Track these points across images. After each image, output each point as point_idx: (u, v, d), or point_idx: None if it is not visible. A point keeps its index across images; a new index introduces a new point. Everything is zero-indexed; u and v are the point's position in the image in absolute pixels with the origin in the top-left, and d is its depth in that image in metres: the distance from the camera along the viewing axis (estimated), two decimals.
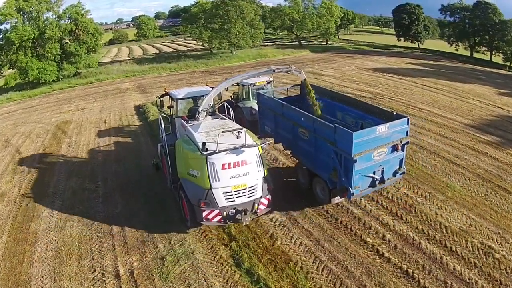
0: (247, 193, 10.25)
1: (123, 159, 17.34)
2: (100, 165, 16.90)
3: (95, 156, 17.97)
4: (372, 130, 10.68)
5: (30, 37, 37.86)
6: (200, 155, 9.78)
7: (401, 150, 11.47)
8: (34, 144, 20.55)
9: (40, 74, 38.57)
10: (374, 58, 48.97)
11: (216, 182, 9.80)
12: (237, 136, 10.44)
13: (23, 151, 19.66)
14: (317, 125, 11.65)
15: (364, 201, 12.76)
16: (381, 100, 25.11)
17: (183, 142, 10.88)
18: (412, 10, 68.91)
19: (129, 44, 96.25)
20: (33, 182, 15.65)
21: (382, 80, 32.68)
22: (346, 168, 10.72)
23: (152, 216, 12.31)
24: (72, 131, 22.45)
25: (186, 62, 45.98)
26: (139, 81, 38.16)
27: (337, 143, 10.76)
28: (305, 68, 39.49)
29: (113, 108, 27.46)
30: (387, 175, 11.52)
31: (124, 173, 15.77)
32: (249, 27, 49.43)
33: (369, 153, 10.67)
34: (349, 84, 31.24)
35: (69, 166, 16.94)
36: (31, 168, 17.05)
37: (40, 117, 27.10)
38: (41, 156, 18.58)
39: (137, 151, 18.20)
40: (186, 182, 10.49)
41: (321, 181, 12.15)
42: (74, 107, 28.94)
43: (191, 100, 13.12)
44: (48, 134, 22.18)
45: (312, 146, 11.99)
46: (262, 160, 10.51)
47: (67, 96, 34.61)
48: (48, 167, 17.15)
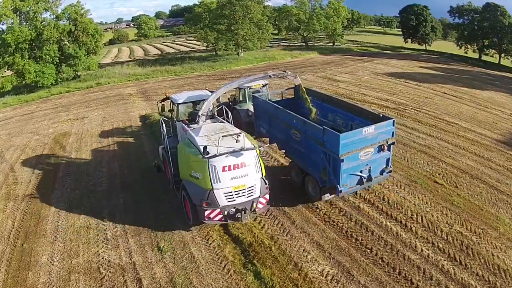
0: (247, 193, 10.85)
1: (131, 185, 15.21)
2: (105, 195, 14.69)
3: (98, 182, 15.74)
4: (358, 132, 11.38)
5: (27, 39, 36.12)
6: (202, 158, 10.28)
7: (387, 150, 12.12)
8: (29, 161, 18.46)
9: (38, 78, 36.75)
10: (385, 61, 47.62)
11: (217, 183, 10.39)
12: (236, 140, 10.90)
13: (18, 169, 17.61)
14: (307, 127, 12.38)
15: (419, 243, 10.96)
16: (406, 111, 23.67)
17: (185, 145, 11.42)
18: (419, 11, 67.95)
19: (129, 44, 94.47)
20: (28, 214, 13.54)
21: (401, 88, 31.20)
22: (334, 167, 11.40)
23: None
24: (71, 146, 20.35)
25: (191, 65, 43.96)
26: (143, 86, 36.07)
27: (326, 144, 11.46)
28: (318, 72, 37.96)
29: (116, 118, 25.38)
30: (374, 173, 12.13)
31: (137, 210, 13.31)
32: (256, 28, 47.32)
33: (356, 153, 11.36)
34: (368, 92, 29.47)
35: (69, 195, 14.73)
36: (26, 194, 15.04)
37: (37, 126, 25.07)
38: (37, 178, 16.50)
39: (149, 180, 15.38)
40: (188, 183, 11.08)
41: (312, 179, 12.80)
42: (73, 116, 26.84)
43: (191, 104, 13.62)
44: (45, 149, 20.08)
45: (303, 146, 12.72)
46: (259, 161, 11.14)
47: (65, 102, 32.56)
48: (45, 193, 15.03)
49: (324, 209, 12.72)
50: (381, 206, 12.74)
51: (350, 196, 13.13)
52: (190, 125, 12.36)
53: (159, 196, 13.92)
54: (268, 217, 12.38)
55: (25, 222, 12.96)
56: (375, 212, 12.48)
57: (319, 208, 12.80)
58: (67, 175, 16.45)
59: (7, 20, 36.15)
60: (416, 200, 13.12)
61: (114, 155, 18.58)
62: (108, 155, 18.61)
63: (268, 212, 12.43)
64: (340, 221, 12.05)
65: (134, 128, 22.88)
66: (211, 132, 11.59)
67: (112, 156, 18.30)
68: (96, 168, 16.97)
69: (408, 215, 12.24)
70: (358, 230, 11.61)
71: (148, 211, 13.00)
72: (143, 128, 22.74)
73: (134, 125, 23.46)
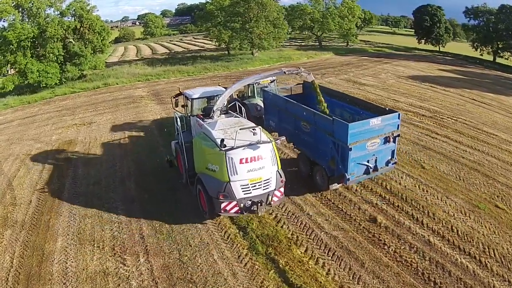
0: (263, 186, 10.92)
1: (153, 214, 12.61)
2: (123, 225, 12.16)
3: (113, 207, 13.12)
4: (366, 122, 11.87)
5: (30, 36, 34.04)
6: (219, 150, 10.39)
7: (392, 142, 12.58)
8: (30, 176, 15.98)
9: (41, 77, 34.49)
10: (403, 63, 45.93)
11: (235, 175, 10.44)
12: (254, 133, 11.07)
13: (16, 186, 15.13)
14: (317, 118, 12.94)
15: (497, 283, 9.24)
16: (444, 121, 22.04)
17: (200, 139, 11.52)
18: (433, 11, 66.94)
19: (136, 43, 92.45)
20: (30, 248, 11.04)
21: (430, 93, 29.35)
22: (342, 156, 11.91)
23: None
24: (77, 157, 17.83)
25: (204, 65, 41.43)
26: (154, 87, 33.44)
27: (335, 134, 11.99)
28: (340, 75, 35.76)
29: (128, 124, 22.79)
30: (380, 164, 12.65)
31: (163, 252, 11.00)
32: (272, 27, 44.73)
33: (363, 143, 11.85)
34: (399, 97, 27.57)
35: (78, 225, 12.12)
36: (26, 220, 12.52)
37: (39, 132, 22.57)
38: (39, 199, 13.97)
39: (175, 200, 13.37)
40: (204, 176, 11.16)
41: (320, 169, 13.28)
42: (79, 121, 24.32)
43: (206, 99, 13.67)
44: (48, 161, 17.52)
45: (312, 137, 13.26)
46: (276, 155, 11.20)
47: (70, 104, 30.05)
48: (48, 220, 12.48)
49: (393, 245, 10.77)
50: (451, 239, 11.09)
51: (418, 227, 11.55)
52: (204, 120, 12.31)
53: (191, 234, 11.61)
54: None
55: (26, 260, 10.50)
56: (448, 247, 10.78)
57: (394, 251, 10.57)
58: (75, 196, 13.90)
59: (8, 16, 34.05)
60: (484, 230, 11.64)
61: (129, 172, 15.96)
62: (121, 171, 16.05)
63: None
64: (413, 260, 10.21)
65: (149, 136, 20.37)
66: (227, 126, 11.71)
67: (127, 174, 15.74)
68: (108, 189, 14.43)
69: (480, 248, 10.80)
70: (433, 270, 9.91)
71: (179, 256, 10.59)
72: (161, 137, 20.10)
73: (149, 134, 20.94)
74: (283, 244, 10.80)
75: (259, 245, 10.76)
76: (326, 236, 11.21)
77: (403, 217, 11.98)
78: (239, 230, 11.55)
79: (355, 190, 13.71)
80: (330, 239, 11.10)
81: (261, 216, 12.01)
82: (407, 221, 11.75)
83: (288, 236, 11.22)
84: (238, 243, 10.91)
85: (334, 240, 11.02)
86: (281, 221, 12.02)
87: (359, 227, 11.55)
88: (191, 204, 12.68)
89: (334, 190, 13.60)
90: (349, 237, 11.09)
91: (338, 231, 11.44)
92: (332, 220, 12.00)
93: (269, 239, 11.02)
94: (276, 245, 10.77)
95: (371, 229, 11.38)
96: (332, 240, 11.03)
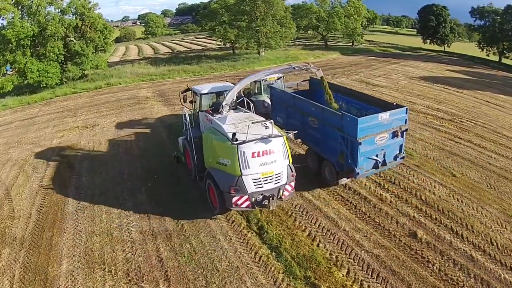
0: (274, 180, 10.82)
1: (171, 236, 11.20)
2: (137, 245, 10.77)
3: (124, 225, 11.72)
4: (374, 117, 11.87)
5: (29, 35, 32.61)
6: (231, 144, 10.25)
7: (400, 137, 12.62)
8: (29, 185, 14.58)
9: (41, 77, 33.09)
10: (411, 63, 45.01)
11: (246, 169, 10.33)
12: (266, 127, 11.04)
13: (15, 196, 13.75)
14: (325, 114, 12.94)
15: None
16: (464, 124, 21.02)
17: (211, 134, 11.39)
18: (439, 11, 66.49)
19: (137, 42, 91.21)
20: (31, 271, 9.62)
21: (444, 95, 28.42)
22: (352, 151, 11.89)
23: None
24: (80, 164, 16.38)
25: (210, 64, 39.98)
26: (159, 87, 31.99)
27: (344, 129, 11.98)
28: (350, 75, 34.76)
29: (134, 126, 21.41)
30: (389, 158, 12.67)
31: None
32: (279, 26, 43.40)
33: (372, 138, 11.87)
34: (414, 99, 26.57)
35: (84, 244, 10.70)
36: (26, 236, 11.13)
37: (39, 135, 21.21)
38: (39, 212, 12.56)
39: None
40: (215, 171, 11.06)
41: (329, 164, 13.27)
42: (82, 123, 22.93)
43: (214, 95, 13.62)
44: (48, 168, 16.13)
45: (321, 132, 13.26)
46: (287, 149, 11.12)
47: (72, 104, 28.67)
48: (51, 237, 11.09)
49: (437, 263, 9.86)
50: (492, 252, 10.28)
51: (459, 241, 10.67)
52: (214, 115, 12.19)
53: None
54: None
55: (27, 285, 9.15)
56: (490, 262, 9.95)
57: (439, 269, 9.60)
58: (79, 209, 12.45)
59: (7, 14, 32.58)
60: None
61: (139, 180, 14.48)
62: (130, 179, 14.62)
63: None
64: (459, 278, 9.37)
65: (158, 139, 18.98)
66: (237, 120, 11.66)
67: (137, 183, 14.24)
68: (117, 201, 12.96)
69: None
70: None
71: None
72: (170, 139, 18.69)
73: (157, 136, 19.54)
74: (322, 266, 9.52)
75: (295, 268, 9.45)
76: (367, 255, 10.00)
77: (443, 230, 11.09)
78: (271, 250, 10.21)
79: (390, 201, 12.62)
80: (371, 258, 9.91)
81: (294, 234, 10.82)
82: (447, 235, 10.88)
83: (326, 257, 9.93)
84: (271, 266, 9.58)
85: (376, 260, 9.87)
86: (316, 238, 10.70)
87: (400, 244, 10.52)
88: (216, 222, 11.49)
89: (364, 201, 12.66)
90: (391, 256, 10.09)
91: (379, 248, 10.30)
92: (371, 236, 10.83)
93: (306, 260, 9.73)
94: (314, 267, 9.48)
95: (412, 245, 10.42)
96: (374, 260, 9.86)
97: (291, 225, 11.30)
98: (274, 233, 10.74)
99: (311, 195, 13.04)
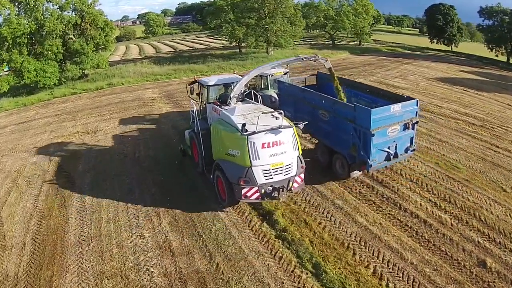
0: (284, 171, 10.70)
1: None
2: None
3: (139, 262, 9.54)
4: (387, 108, 11.93)
5: (26, 32, 30.60)
6: (241, 135, 10.17)
7: (411, 129, 12.73)
8: (23, 204, 12.50)
9: (38, 77, 30.99)
10: (423, 63, 43.65)
11: (256, 160, 10.20)
12: (276, 118, 10.83)
13: (6, 217, 11.68)
14: (337, 106, 12.96)
15: None
16: (495, 130, 19.59)
17: (219, 125, 11.25)
18: (446, 11, 65.76)
19: (137, 42, 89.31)
20: None
21: (467, 98, 26.88)
22: (365, 143, 11.89)
23: None
24: (82, 178, 14.25)
25: (217, 63, 37.92)
26: (165, 88, 29.85)
27: (356, 120, 11.96)
28: (367, 76, 33.42)
29: (142, 132, 19.41)
30: (400, 150, 12.71)
31: None
32: (289, 24, 41.37)
33: (385, 129, 11.94)
34: (440, 102, 24.85)
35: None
36: (19, 275, 9.07)
37: (35, 141, 19.15)
38: (35, 240, 10.47)
39: None
40: (224, 162, 10.88)
41: (340, 157, 13.22)
42: (82, 128, 20.85)
43: (222, 86, 13.49)
44: (45, 182, 14.04)
45: (331, 125, 13.21)
46: (297, 140, 11.03)
47: (71, 107, 26.59)
48: (50, 278, 8.98)
49: None
50: None
51: None
52: (222, 107, 12.04)
53: None
54: None
55: None
56: None
57: None
58: (83, 240, 10.30)
59: (3, 10, 30.53)
60: None
61: (154, 202, 12.30)
62: (143, 200, 12.38)
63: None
64: None
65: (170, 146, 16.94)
66: (246, 111, 11.49)
67: (152, 206, 12.07)
68: (130, 229, 10.79)
69: None
70: None
71: None
72: None
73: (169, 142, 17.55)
74: None
75: None
76: None
77: (509, 256, 9.75)
78: None
79: (451, 224, 10.89)
80: None
81: (357, 272, 8.94)
82: None
83: None
84: None
85: None
86: (383, 277, 8.76)
87: (471, 276, 9.09)
88: (259, 260, 9.43)
89: (425, 225, 10.95)
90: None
91: (452, 284, 8.74)
92: (442, 269, 9.15)
93: None
94: None
95: (484, 276, 9.09)
96: None
97: (351, 261, 9.29)
98: (334, 272, 8.75)
99: (366, 219, 11.12)
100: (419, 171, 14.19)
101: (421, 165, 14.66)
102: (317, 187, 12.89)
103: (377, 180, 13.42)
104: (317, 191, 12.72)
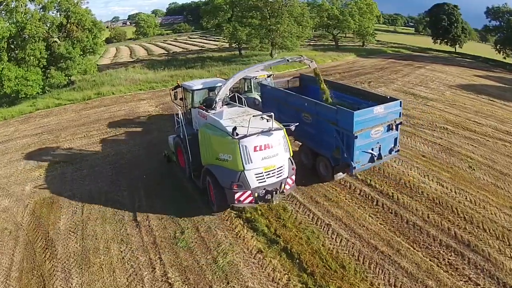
0: (276, 174, 10.62)
1: None
2: None
3: None
4: (370, 110, 11.88)
5: (6, 36, 27.42)
6: (232, 139, 9.95)
7: (395, 130, 12.71)
8: None
9: (20, 86, 27.62)
10: (435, 67, 41.46)
11: (249, 164, 10.04)
12: (267, 120, 10.82)
13: None
14: (319, 108, 12.92)
15: None
16: None
17: (208, 129, 11.04)
18: (450, 11, 63.90)
19: (128, 43, 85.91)
20: None
21: (499, 111, 24.08)
22: (348, 145, 11.92)
23: None
24: (66, 244, 10.62)
25: (219, 68, 34.44)
26: (163, 99, 26.14)
27: (339, 123, 11.99)
28: (387, 84, 31.91)
29: (138, 164, 15.94)
30: (384, 152, 12.69)
31: None
32: (296, 24, 38.17)
33: (368, 131, 11.90)
34: (477, 118, 21.91)
35: None
36: None
37: (9, 173, 15.68)
38: None
39: None
40: (214, 167, 10.68)
41: (324, 159, 13.20)
42: (65, 155, 17.28)
43: (206, 90, 13.30)
44: (18, 246, 10.54)
45: (314, 128, 13.20)
46: (287, 141, 10.93)
47: (54, 123, 22.99)
48: None
49: None
50: None
51: None
52: (208, 111, 11.78)
53: None
54: None
55: None
56: None
57: None
58: None
59: None
60: None
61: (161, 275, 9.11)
62: (146, 267, 9.22)
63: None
64: None
65: (175, 177, 13.57)
66: (234, 115, 11.37)
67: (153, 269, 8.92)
68: None
69: None
70: None
71: None
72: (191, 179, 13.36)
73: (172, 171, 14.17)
74: None
75: None
76: None
77: None
78: None
79: None
80: None
81: None
82: None
83: None
84: None
85: None
86: None
87: None
88: None
89: None
90: None
91: None
92: None
93: None
94: None
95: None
96: None
97: None
98: None
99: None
100: (501, 223, 11.08)
101: (499, 213, 11.60)
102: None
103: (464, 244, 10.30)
104: None
